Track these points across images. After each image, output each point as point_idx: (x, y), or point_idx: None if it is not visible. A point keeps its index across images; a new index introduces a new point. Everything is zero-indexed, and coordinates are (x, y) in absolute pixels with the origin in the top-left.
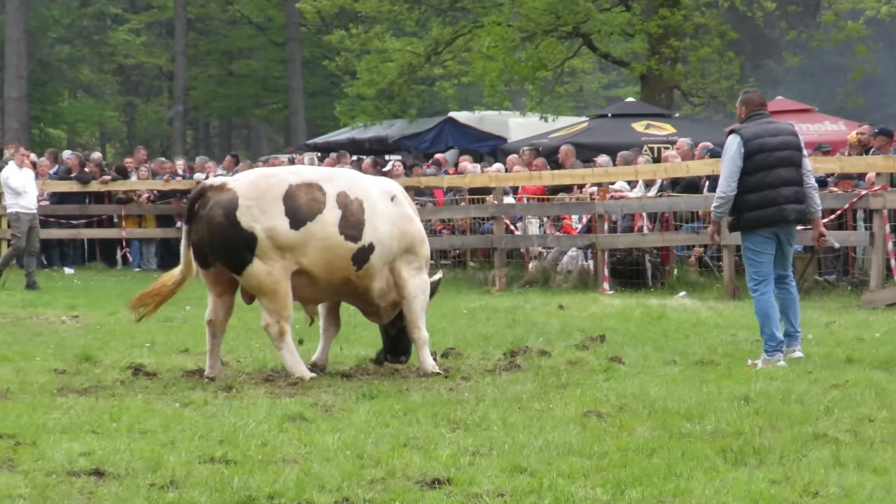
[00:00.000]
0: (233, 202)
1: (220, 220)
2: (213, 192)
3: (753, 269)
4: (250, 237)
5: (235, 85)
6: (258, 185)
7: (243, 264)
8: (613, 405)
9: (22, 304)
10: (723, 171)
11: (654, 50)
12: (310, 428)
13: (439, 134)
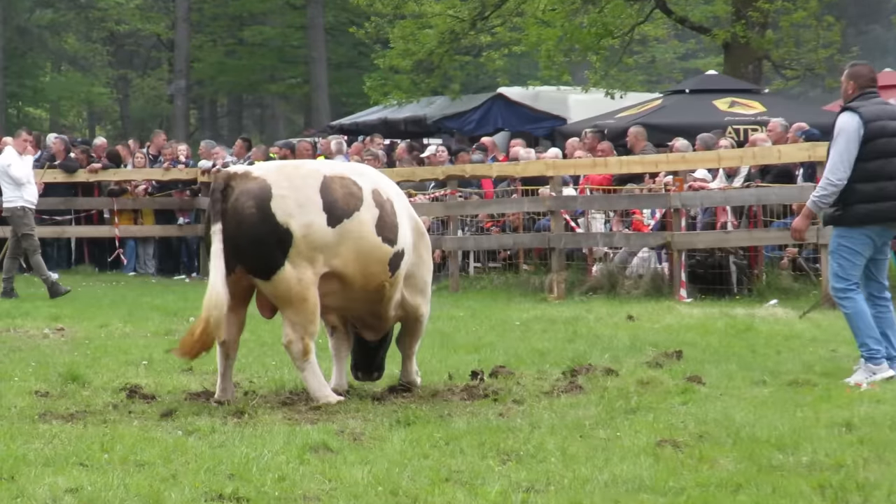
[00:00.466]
0: (265, 192)
1: (251, 212)
2: (238, 181)
3: (847, 270)
4: (285, 234)
5: (247, 56)
6: (290, 174)
7: (274, 268)
8: (692, 433)
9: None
10: (835, 153)
11: (740, 14)
12: (335, 460)
13: (487, 113)
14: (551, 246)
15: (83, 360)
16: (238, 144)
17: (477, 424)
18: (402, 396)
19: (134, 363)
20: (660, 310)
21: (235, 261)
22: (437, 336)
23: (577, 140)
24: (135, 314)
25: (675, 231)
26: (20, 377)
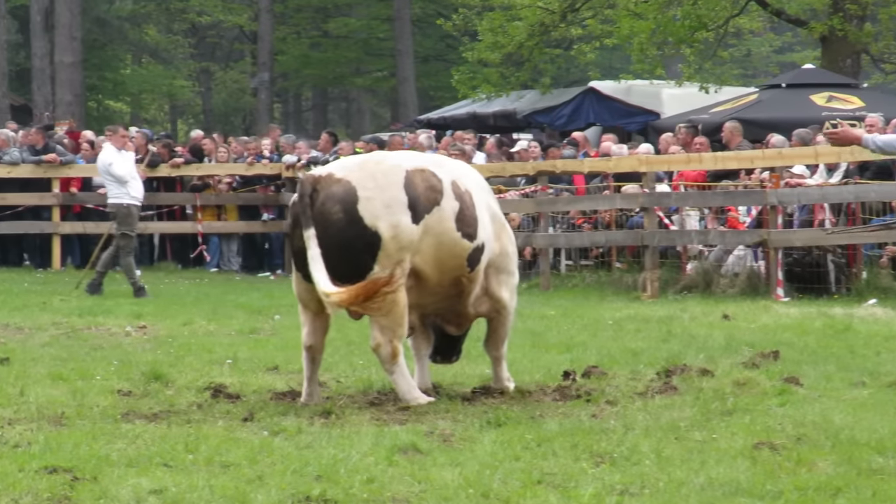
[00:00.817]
0: (351, 194)
1: (338, 217)
2: (323, 185)
3: None
4: (374, 237)
5: (332, 48)
6: (373, 172)
7: (363, 272)
8: (790, 435)
9: (79, 311)
10: None
11: (837, 6)
12: (424, 461)
13: (578, 108)
14: (645, 243)
15: (166, 359)
16: (324, 138)
17: (569, 426)
18: (492, 397)
19: (218, 362)
20: (756, 309)
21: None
22: (529, 336)
23: (670, 135)
24: (218, 312)
25: (771, 228)
26: (102, 376)
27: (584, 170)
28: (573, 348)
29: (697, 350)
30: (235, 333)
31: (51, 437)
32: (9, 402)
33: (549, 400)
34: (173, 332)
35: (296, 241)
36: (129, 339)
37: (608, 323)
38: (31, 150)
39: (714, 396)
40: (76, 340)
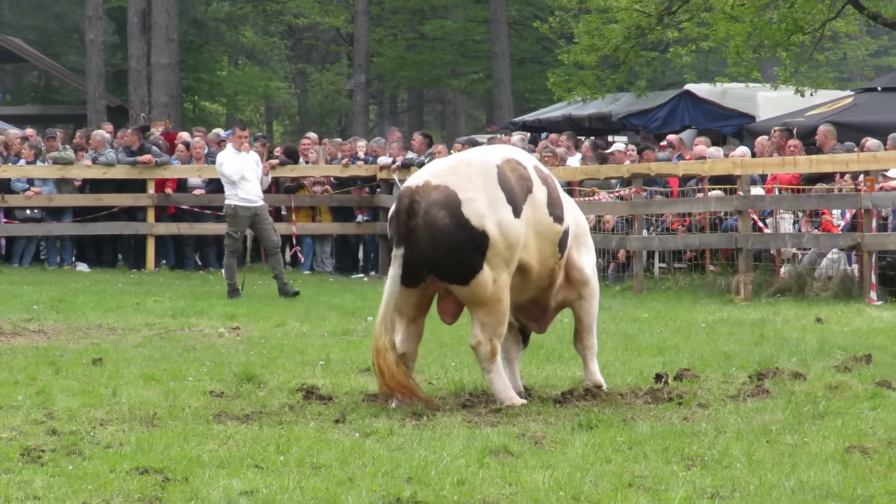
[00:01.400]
0: (453, 198)
1: (445, 222)
2: (421, 194)
3: None
4: (482, 237)
5: (428, 50)
6: (467, 173)
7: (473, 272)
8: (881, 439)
9: (172, 313)
10: None
11: None
12: (516, 463)
13: (673, 111)
14: (738, 246)
15: (259, 360)
16: (418, 140)
17: (661, 428)
18: (584, 399)
19: (311, 363)
20: (849, 312)
21: (428, 272)
22: (621, 338)
23: (765, 138)
24: (311, 313)
25: (865, 232)
26: (195, 377)
27: (678, 172)
28: (665, 351)
29: (790, 353)
30: (328, 335)
31: (142, 437)
32: (101, 403)
33: (641, 403)
34: (266, 333)
35: (405, 255)
36: (222, 340)
37: (701, 326)
38: (127, 150)
39: (806, 400)
40: (169, 341)
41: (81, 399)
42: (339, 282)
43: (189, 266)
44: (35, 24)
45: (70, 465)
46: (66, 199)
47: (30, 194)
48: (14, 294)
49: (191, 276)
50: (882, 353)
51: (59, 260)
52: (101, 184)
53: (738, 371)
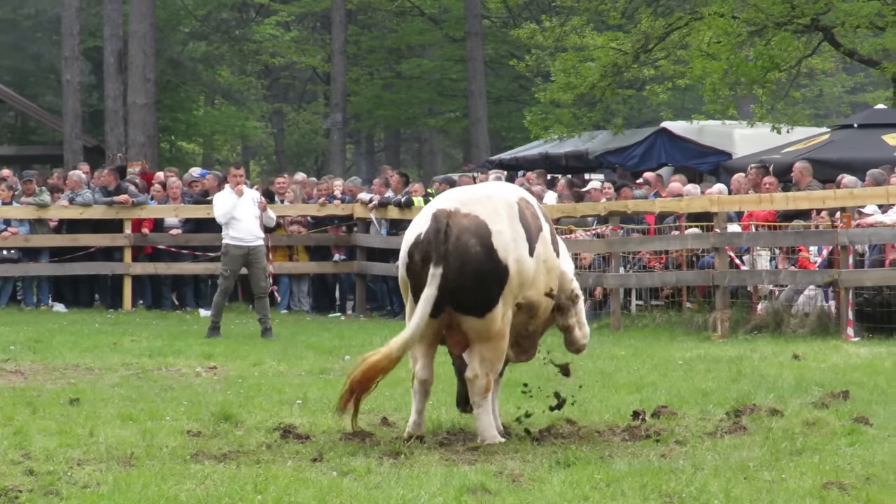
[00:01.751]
0: (483, 228)
1: (476, 250)
2: (453, 219)
3: None
4: (504, 272)
5: (404, 89)
6: (495, 207)
7: (491, 305)
8: (859, 475)
9: (149, 352)
10: None
11: None
12: (493, 501)
13: (650, 148)
14: (715, 283)
15: (236, 399)
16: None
17: (638, 466)
18: (560, 437)
19: (288, 402)
20: (826, 349)
21: (449, 301)
22: (599, 375)
23: (742, 175)
24: (289, 352)
25: (842, 268)
26: (172, 416)
27: (655, 210)
28: (643, 388)
29: (767, 390)
30: (305, 374)
31: (120, 477)
32: (78, 443)
33: (619, 440)
34: (243, 372)
35: (426, 277)
36: (200, 379)
37: (678, 363)
38: (104, 191)
39: (783, 436)
40: (146, 381)
41: (59, 439)
42: (316, 321)
43: (166, 306)
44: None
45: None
46: (43, 240)
47: (6, 235)
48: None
49: (168, 315)
50: (859, 389)
51: (35, 300)
52: (78, 224)
53: (716, 408)
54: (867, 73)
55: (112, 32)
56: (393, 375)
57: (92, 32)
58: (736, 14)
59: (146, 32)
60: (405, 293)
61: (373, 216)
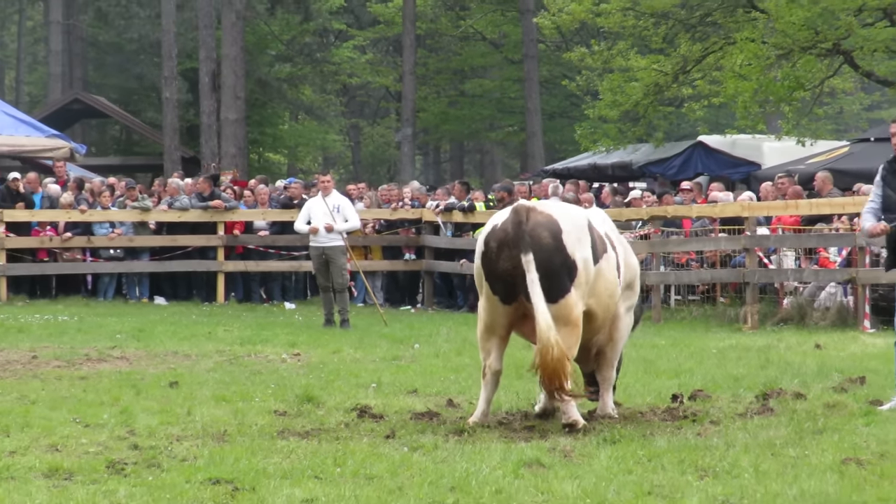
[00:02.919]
0: (555, 225)
1: (548, 242)
2: (531, 214)
3: None
4: (573, 263)
5: (468, 106)
6: (566, 211)
7: (563, 292)
8: (874, 452)
9: (240, 341)
10: None
11: None
12: (547, 474)
13: (688, 159)
14: (746, 281)
15: (318, 383)
16: (457, 188)
17: (677, 443)
18: (609, 418)
19: (364, 385)
20: (845, 339)
21: (523, 288)
22: (641, 363)
23: (770, 184)
24: (364, 341)
25: (859, 267)
26: (261, 398)
27: (692, 215)
28: (681, 374)
29: (792, 376)
30: (379, 360)
31: (214, 452)
32: (177, 421)
33: (659, 420)
34: (324, 359)
35: (501, 263)
36: (285, 365)
37: (712, 351)
38: (199, 196)
39: (807, 417)
40: (237, 366)
41: (160, 417)
42: (389, 313)
43: (255, 299)
44: (117, 84)
45: (150, 477)
46: (145, 241)
47: (112, 236)
48: (99, 325)
49: (256, 308)
50: (875, 375)
51: (138, 294)
52: (177, 226)
53: (746, 392)
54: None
55: (207, 55)
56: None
57: (189, 55)
58: (765, 39)
59: (237, 55)
60: (480, 282)
61: (440, 220)
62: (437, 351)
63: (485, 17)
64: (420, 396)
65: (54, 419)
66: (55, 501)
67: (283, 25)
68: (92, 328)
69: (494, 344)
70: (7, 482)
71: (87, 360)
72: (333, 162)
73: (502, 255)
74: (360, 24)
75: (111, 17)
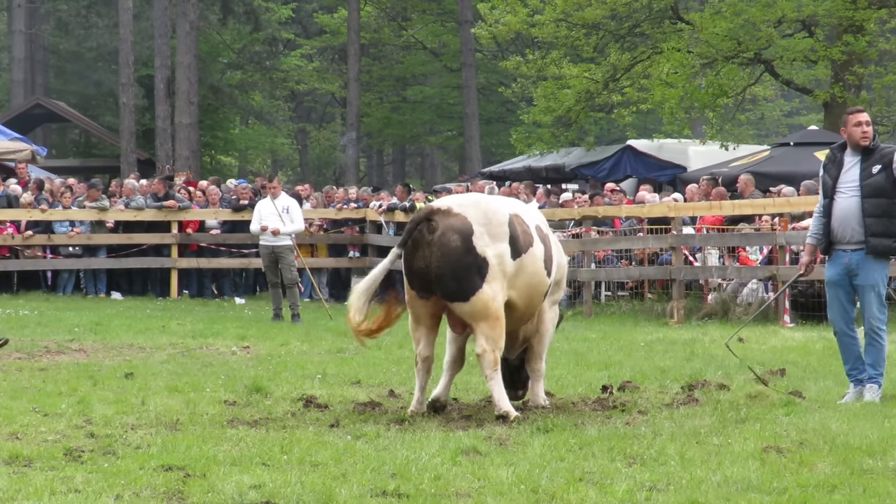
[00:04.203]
0: (468, 227)
1: (456, 245)
2: (439, 216)
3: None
4: (483, 262)
5: (409, 111)
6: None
7: (474, 290)
8: (793, 440)
9: (192, 334)
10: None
11: (838, 77)
12: (483, 461)
13: (617, 162)
14: (672, 277)
15: (266, 374)
16: (399, 189)
17: (607, 432)
18: (541, 407)
19: (310, 377)
20: (766, 333)
21: (436, 287)
22: (573, 355)
23: (695, 186)
24: (310, 334)
25: (780, 265)
26: (212, 388)
27: (622, 215)
28: (611, 366)
29: (716, 368)
30: (325, 353)
31: (167, 440)
32: (132, 411)
33: (590, 410)
34: (272, 351)
35: (416, 262)
36: (235, 357)
37: (640, 345)
38: (154, 197)
39: (730, 407)
40: (190, 358)
41: (116, 407)
42: (333, 308)
43: (207, 295)
44: (77, 90)
45: (106, 464)
46: (103, 238)
47: (72, 234)
48: (58, 318)
49: (208, 303)
50: (794, 367)
51: (95, 290)
52: (133, 225)
53: (672, 383)
54: (802, 100)
55: (162, 63)
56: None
57: (145, 63)
58: (690, 49)
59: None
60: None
61: (383, 219)
62: (380, 344)
63: (425, 28)
64: (363, 387)
65: (14, 409)
66: (15, 487)
67: (235, 35)
68: (51, 322)
69: (422, 333)
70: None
71: (46, 352)
72: (282, 164)
73: (417, 254)
74: (307, 34)
75: (71, 26)
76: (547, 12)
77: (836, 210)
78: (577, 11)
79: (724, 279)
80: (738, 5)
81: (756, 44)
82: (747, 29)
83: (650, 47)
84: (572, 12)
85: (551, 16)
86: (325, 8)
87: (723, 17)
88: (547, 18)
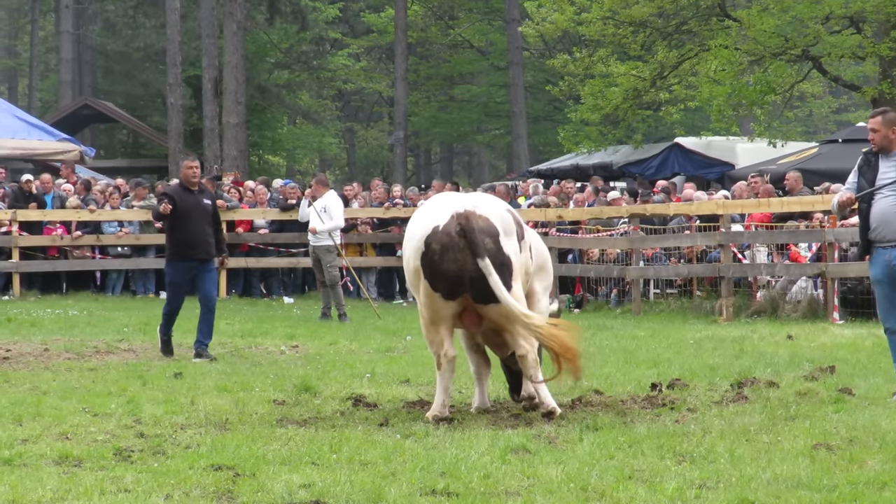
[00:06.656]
0: (493, 229)
1: (490, 247)
2: (471, 220)
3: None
4: (509, 262)
5: (457, 110)
6: (498, 209)
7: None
8: (843, 438)
9: (241, 333)
10: None
11: (886, 73)
12: (533, 460)
13: (665, 160)
14: (721, 275)
15: (315, 373)
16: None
17: (656, 429)
18: (590, 405)
19: (359, 376)
20: (815, 330)
21: (467, 289)
22: (622, 353)
23: (743, 183)
24: (359, 333)
25: (829, 262)
26: (261, 388)
27: (670, 212)
28: (660, 364)
29: (765, 365)
30: (373, 351)
31: (216, 439)
32: (181, 410)
33: (639, 408)
34: (321, 350)
35: (446, 265)
36: (284, 356)
37: (689, 342)
38: None
39: (779, 404)
40: (239, 358)
41: (165, 407)
42: (382, 307)
43: (256, 294)
44: (124, 90)
45: (155, 463)
46: (151, 238)
47: (121, 234)
48: (108, 318)
49: (257, 302)
50: (844, 364)
51: (145, 289)
52: None
53: (721, 380)
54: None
55: (209, 63)
56: None
57: (192, 63)
58: (738, 46)
59: (238, 63)
60: (416, 279)
61: None
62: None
63: (472, 26)
64: (412, 386)
65: (64, 409)
66: (65, 487)
67: (282, 34)
68: (100, 322)
69: (444, 335)
70: (20, 469)
71: (95, 352)
72: (329, 164)
73: (446, 257)
74: (354, 33)
75: (119, 27)
76: (594, 10)
77: (875, 211)
78: (625, 9)
79: (773, 276)
80: (785, 2)
81: (804, 40)
82: (795, 26)
83: (697, 45)
84: (619, 10)
85: (598, 14)
86: (373, 7)
87: (770, 14)
88: (594, 16)
